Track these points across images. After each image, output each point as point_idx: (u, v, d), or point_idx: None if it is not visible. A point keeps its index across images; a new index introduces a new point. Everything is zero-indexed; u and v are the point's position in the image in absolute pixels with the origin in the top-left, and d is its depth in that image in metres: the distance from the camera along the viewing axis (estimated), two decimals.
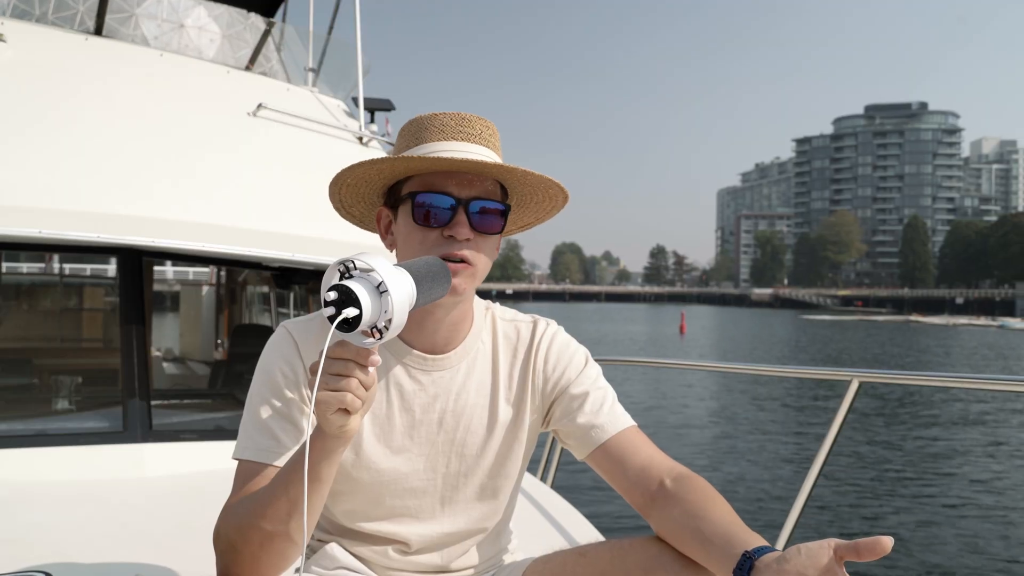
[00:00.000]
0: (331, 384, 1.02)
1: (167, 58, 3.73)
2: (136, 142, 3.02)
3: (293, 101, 3.83)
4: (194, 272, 10.06)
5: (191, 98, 3.53)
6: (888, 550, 0.92)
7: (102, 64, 3.44)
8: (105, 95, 3.22)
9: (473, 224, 1.28)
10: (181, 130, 3.22)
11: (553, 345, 1.45)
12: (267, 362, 1.33)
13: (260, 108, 3.49)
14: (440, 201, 1.27)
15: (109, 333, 4.63)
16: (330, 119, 3.88)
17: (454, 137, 1.31)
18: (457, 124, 1.32)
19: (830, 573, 0.96)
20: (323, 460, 1.12)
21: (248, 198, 3.10)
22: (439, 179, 1.28)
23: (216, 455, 2.47)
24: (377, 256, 1.00)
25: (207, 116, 3.44)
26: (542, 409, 1.45)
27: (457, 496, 1.42)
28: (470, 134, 1.32)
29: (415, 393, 1.38)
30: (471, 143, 1.32)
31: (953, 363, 29.67)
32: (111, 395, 2.86)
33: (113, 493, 2.32)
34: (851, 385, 2.66)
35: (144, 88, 3.39)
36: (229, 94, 3.70)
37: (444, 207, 1.27)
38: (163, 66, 3.65)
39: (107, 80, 3.35)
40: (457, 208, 1.27)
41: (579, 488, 7.25)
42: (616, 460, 1.35)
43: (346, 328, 0.97)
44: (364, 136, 3.83)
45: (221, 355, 6.19)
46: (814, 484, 2.67)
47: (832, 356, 31.60)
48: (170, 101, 3.39)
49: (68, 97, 3.08)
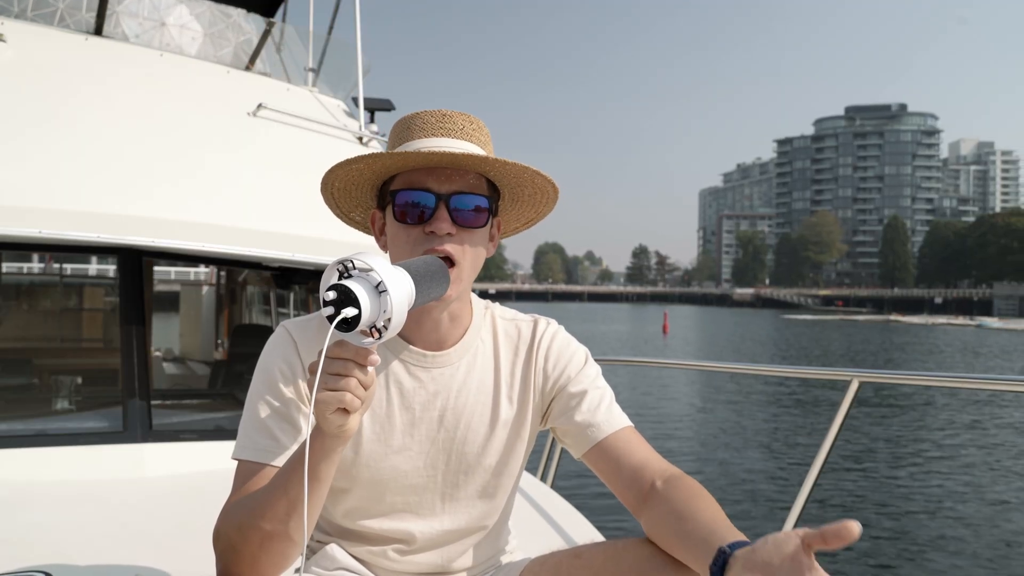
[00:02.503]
0: (330, 384, 1.02)
1: (167, 58, 3.71)
2: (136, 142, 3.00)
3: (293, 101, 3.82)
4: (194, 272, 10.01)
5: (191, 98, 3.51)
6: (856, 536, 0.91)
7: (102, 64, 3.42)
8: (105, 95, 3.20)
9: (455, 219, 1.28)
10: (181, 130, 3.21)
11: (554, 344, 1.45)
12: (266, 362, 1.33)
13: (260, 108, 3.48)
14: (419, 197, 1.28)
15: (109, 333, 4.61)
16: (330, 119, 3.87)
17: (434, 134, 1.32)
18: (438, 121, 1.33)
19: (796, 561, 0.95)
20: (322, 459, 1.12)
21: (248, 198, 3.09)
22: (419, 176, 1.29)
23: (216, 455, 2.47)
24: (375, 256, 1.00)
25: (207, 116, 3.43)
26: (542, 407, 1.45)
27: (458, 493, 1.42)
28: (450, 130, 1.33)
29: (415, 391, 1.37)
30: (451, 138, 1.32)
31: (940, 363, 30.06)
32: (111, 395, 2.85)
33: (113, 493, 2.31)
34: (851, 385, 2.67)
35: (144, 88, 3.37)
36: (229, 94, 3.69)
37: (423, 203, 1.28)
38: (163, 66, 3.63)
39: (107, 80, 3.33)
40: (438, 203, 1.27)
41: (579, 488, 7.25)
42: (611, 459, 1.35)
43: (345, 328, 0.97)
44: (364, 136, 3.82)
45: (221, 355, 6.18)
46: (814, 483, 2.68)
47: (816, 356, 31.84)
48: (170, 101, 3.37)
49: (68, 97, 3.06)
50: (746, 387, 19.31)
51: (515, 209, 1.47)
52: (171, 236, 2.71)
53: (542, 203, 1.45)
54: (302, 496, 1.09)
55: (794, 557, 0.95)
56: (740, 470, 10.45)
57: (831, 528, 0.93)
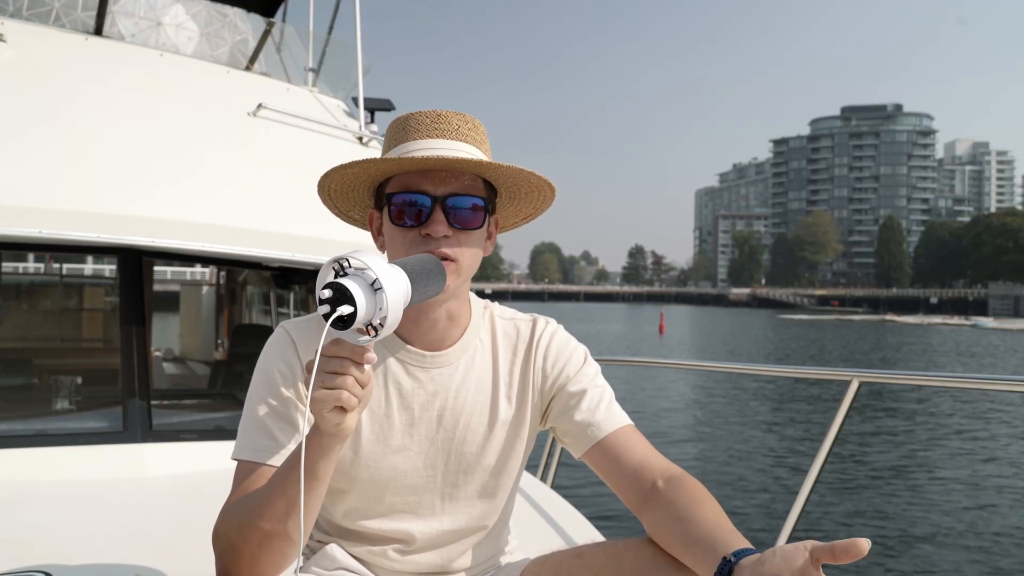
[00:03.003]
0: (327, 382, 1.02)
1: (167, 58, 3.71)
2: (136, 142, 3.00)
3: (293, 101, 3.82)
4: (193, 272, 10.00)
5: (191, 98, 3.51)
6: (865, 552, 0.91)
7: (102, 64, 3.41)
8: (105, 95, 3.20)
9: (451, 220, 1.28)
10: (181, 130, 3.20)
11: (553, 343, 1.45)
12: (266, 362, 1.33)
13: (260, 108, 3.48)
14: (415, 200, 1.28)
15: (109, 333, 4.61)
16: (330, 119, 3.87)
17: (430, 135, 1.32)
18: (433, 122, 1.33)
19: (805, 575, 0.95)
20: (320, 458, 1.12)
21: (248, 198, 3.09)
22: (414, 178, 1.29)
23: (216, 455, 2.47)
24: (371, 254, 1.01)
25: (207, 116, 3.42)
26: (541, 407, 1.44)
27: (458, 493, 1.41)
28: (445, 131, 1.32)
29: (414, 391, 1.37)
30: (447, 139, 1.32)
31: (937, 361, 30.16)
32: (111, 395, 2.85)
33: (113, 493, 2.31)
34: (851, 385, 2.67)
35: (144, 88, 3.37)
36: (229, 94, 3.69)
37: (419, 205, 1.28)
38: (163, 66, 3.63)
39: (107, 80, 3.32)
40: (434, 206, 1.28)
41: (579, 488, 7.26)
42: (611, 458, 1.35)
43: (341, 326, 0.97)
44: (364, 136, 3.82)
45: (221, 355, 6.18)
46: (814, 485, 2.68)
47: (812, 356, 31.89)
48: (170, 101, 3.37)
49: (68, 97, 3.06)
50: (744, 387, 19.30)
51: (512, 206, 1.47)
52: (171, 236, 2.71)
53: (539, 200, 1.45)
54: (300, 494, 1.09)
55: (803, 571, 0.95)
56: (739, 470, 10.45)
57: (841, 544, 0.93)
